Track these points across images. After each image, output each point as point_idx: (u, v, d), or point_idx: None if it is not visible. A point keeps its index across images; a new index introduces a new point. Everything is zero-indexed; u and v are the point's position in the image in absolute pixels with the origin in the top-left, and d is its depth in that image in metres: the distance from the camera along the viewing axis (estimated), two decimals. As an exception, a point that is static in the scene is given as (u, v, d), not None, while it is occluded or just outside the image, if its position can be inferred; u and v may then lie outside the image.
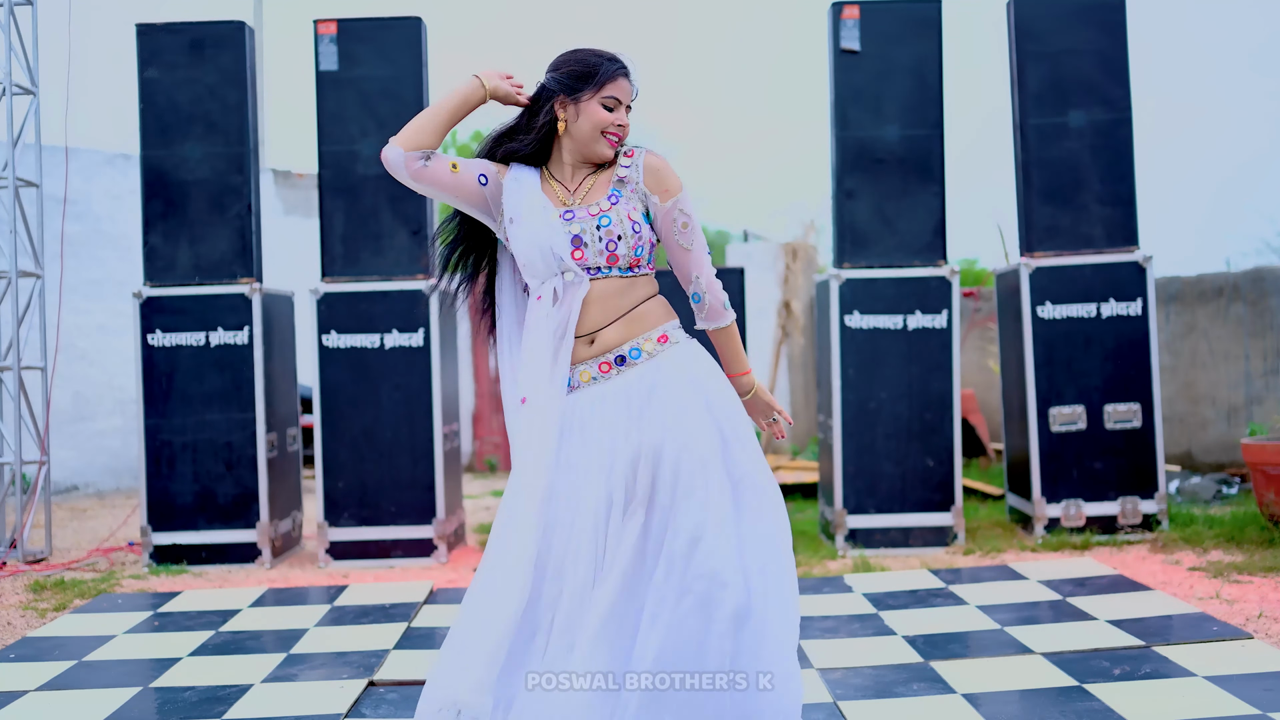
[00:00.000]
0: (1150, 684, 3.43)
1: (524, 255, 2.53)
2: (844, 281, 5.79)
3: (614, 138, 2.58)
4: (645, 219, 2.57)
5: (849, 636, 4.12)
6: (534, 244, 2.51)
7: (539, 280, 2.54)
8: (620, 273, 2.55)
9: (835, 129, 5.88)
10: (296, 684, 3.72)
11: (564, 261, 2.51)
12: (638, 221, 2.55)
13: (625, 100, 2.59)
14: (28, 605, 4.92)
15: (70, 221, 8.47)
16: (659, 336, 2.56)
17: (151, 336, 5.84)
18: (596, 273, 2.53)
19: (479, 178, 2.61)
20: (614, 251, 2.52)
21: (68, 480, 8.82)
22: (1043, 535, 5.71)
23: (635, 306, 2.56)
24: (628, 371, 2.52)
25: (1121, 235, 5.81)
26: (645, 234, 2.56)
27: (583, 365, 2.53)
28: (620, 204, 2.55)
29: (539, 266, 2.52)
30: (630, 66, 2.61)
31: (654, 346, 2.54)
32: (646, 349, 2.54)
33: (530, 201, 2.56)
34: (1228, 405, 7.60)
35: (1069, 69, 5.80)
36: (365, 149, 5.86)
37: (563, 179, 2.62)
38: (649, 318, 2.56)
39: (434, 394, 5.82)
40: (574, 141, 2.59)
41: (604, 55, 2.60)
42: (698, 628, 2.35)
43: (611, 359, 2.53)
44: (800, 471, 8.01)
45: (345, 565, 5.79)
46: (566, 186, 2.61)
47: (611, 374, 2.52)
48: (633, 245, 2.53)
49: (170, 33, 5.89)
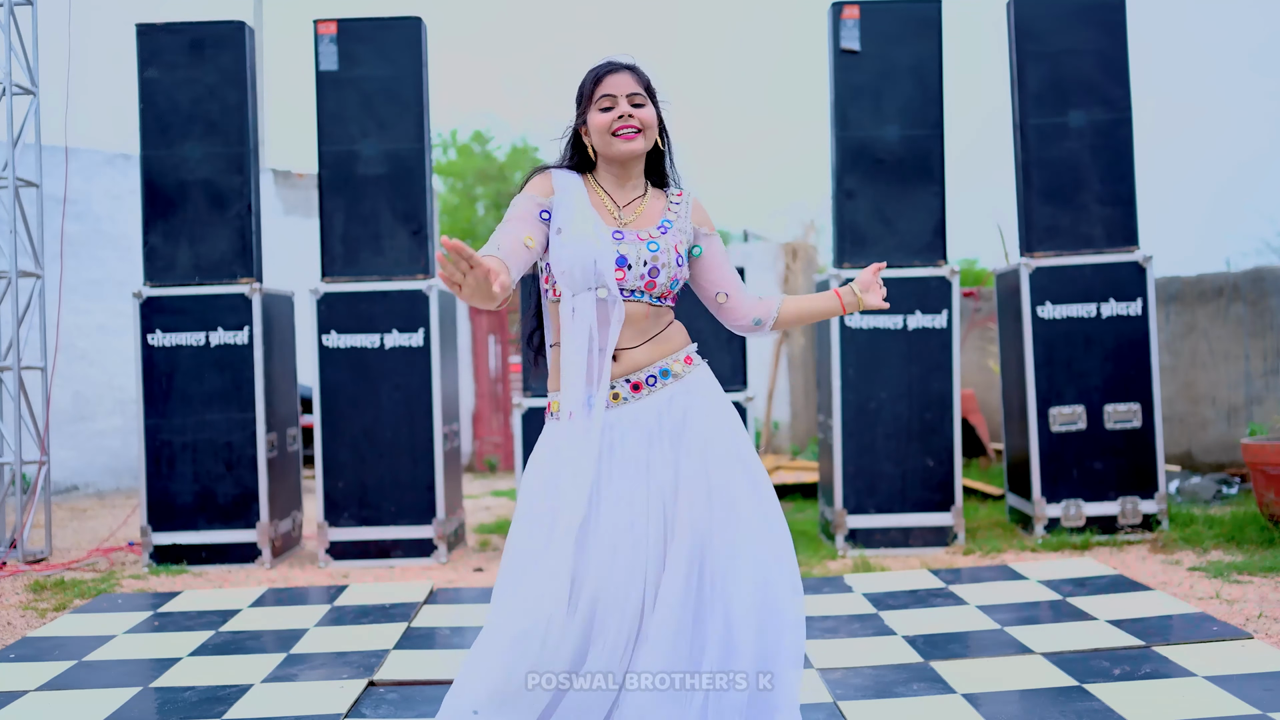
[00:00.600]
0: (1150, 684, 3.43)
1: (565, 264, 2.49)
2: (843, 282, 5.79)
3: (626, 130, 2.55)
4: (687, 256, 2.62)
5: (849, 636, 4.12)
6: (579, 257, 2.48)
7: (572, 292, 2.51)
8: (651, 300, 2.55)
9: (835, 129, 5.88)
10: (296, 684, 3.72)
11: (603, 278, 2.49)
12: (681, 255, 2.58)
13: (621, 92, 2.55)
14: (28, 605, 4.92)
15: (70, 221, 8.48)
16: (685, 358, 2.60)
17: (151, 336, 5.84)
18: (629, 296, 2.53)
19: (542, 214, 2.55)
20: (654, 279, 2.53)
21: (68, 480, 8.82)
22: (1043, 535, 5.71)
23: (661, 331, 2.59)
24: (659, 392, 2.54)
25: (1121, 235, 5.81)
26: (684, 271, 2.60)
27: (612, 385, 2.53)
28: (669, 235, 2.58)
29: (577, 278, 2.49)
30: (620, 61, 2.60)
31: (681, 367, 2.58)
32: (675, 370, 2.57)
33: (581, 214, 2.54)
34: (1228, 405, 7.60)
35: (1069, 69, 5.80)
36: (365, 149, 5.87)
37: (611, 191, 2.62)
38: (674, 339, 2.61)
39: (434, 394, 5.83)
40: (604, 158, 2.60)
41: (592, 68, 2.61)
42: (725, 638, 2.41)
43: (643, 379, 2.53)
44: (800, 471, 8.01)
45: (345, 565, 5.80)
46: (616, 202, 2.60)
47: (643, 394, 2.53)
48: (671, 276, 2.56)
49: (170, 33, 5.89)
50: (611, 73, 2.58)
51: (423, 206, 5.90)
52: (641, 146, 2.57)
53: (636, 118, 2.55)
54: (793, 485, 7.72)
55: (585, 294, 2.50)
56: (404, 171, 5.88)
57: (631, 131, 2.55)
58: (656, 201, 2.64)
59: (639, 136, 2.56)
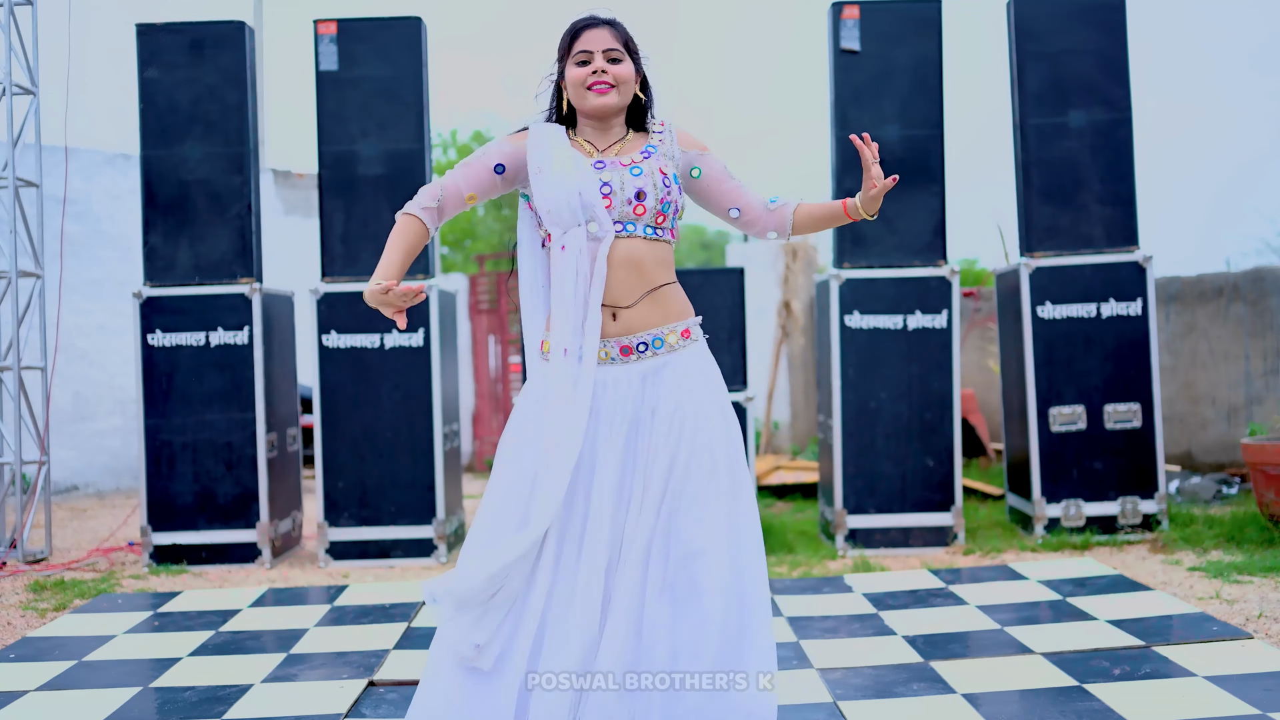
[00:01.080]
0: (1150, 684, 3.43)
1: (549, 202, 2.49)
2: (844, 281, 5.79)
3: (600, 85, 2.55)
4: (675, 180, 2.58)
5: (849, 636, 4.12)
6: (562, 189, 2.48)
7: (561, 229, 2.50)
8: (646, 231, 2.52)
9: (835, 129, 5.88)
10: (296, 684, 3.72)
11: (592, 210, 2.48)
12: (668, 176, 2.56)
13: (597, 48, 2.56)
14: (28, 605, 4.92)
15: (70, 221, 8.48)
16: (683, 330, 2.56)
17: (151, 336, 5.84)
18: (621, 228, 2.51)
19: (495, 168, 2.60)
20: (641, 202, 2.51)
21: (68, 480, 8.82)
22: (1043, 535, 5.71)
23: (660, 286, 2.54)
24: (647, 360, 2.51)
25: (1121, 235, 5.81)
26: (674, 193, 2.57)
27: (604, 343, 2.51)
28: (652, 159, 2.57)
29: (564, 214, 2.48)
30: (599, 15, 2.60)
31: (676, 340, 2.54)
32: (670, 340, 2.53)
33: (559, 152, 2.54)
34: (1228, 405, 7.60)
35: (1069, 69, 5.80)
36: (365, 149, 5.87)
37: (592, 140, 2.62)
38: (673, 304, 2.56)
39: (434, 394, 5.83)
40: (580, 111, 2.61)
41: (571, 22, 2.62)
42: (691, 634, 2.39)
43: (633, 344, 2.51)
44: (800, 471, 8.01)
45: (345, 565, 5.80)
46: (596, 145, 2.61)
47: (631, 359, 2.51)
48: (660, 199, 2.53)
49: (170, 33, 5.88)
50: (589, 27, 2.58)
51: (423, 206, 5.89)
52: (615, 101, 2.56)
53: (611, 73, 2.55)
54: (793, 485, 7.71)
55: (575, 230, 2.49)
56: (404, 171, 5.88)
57: (605, 86, 2.55)
58: (638, 139, 2.65)
59: (612, 91, 2.55)
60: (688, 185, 2.67)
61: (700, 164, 2.66)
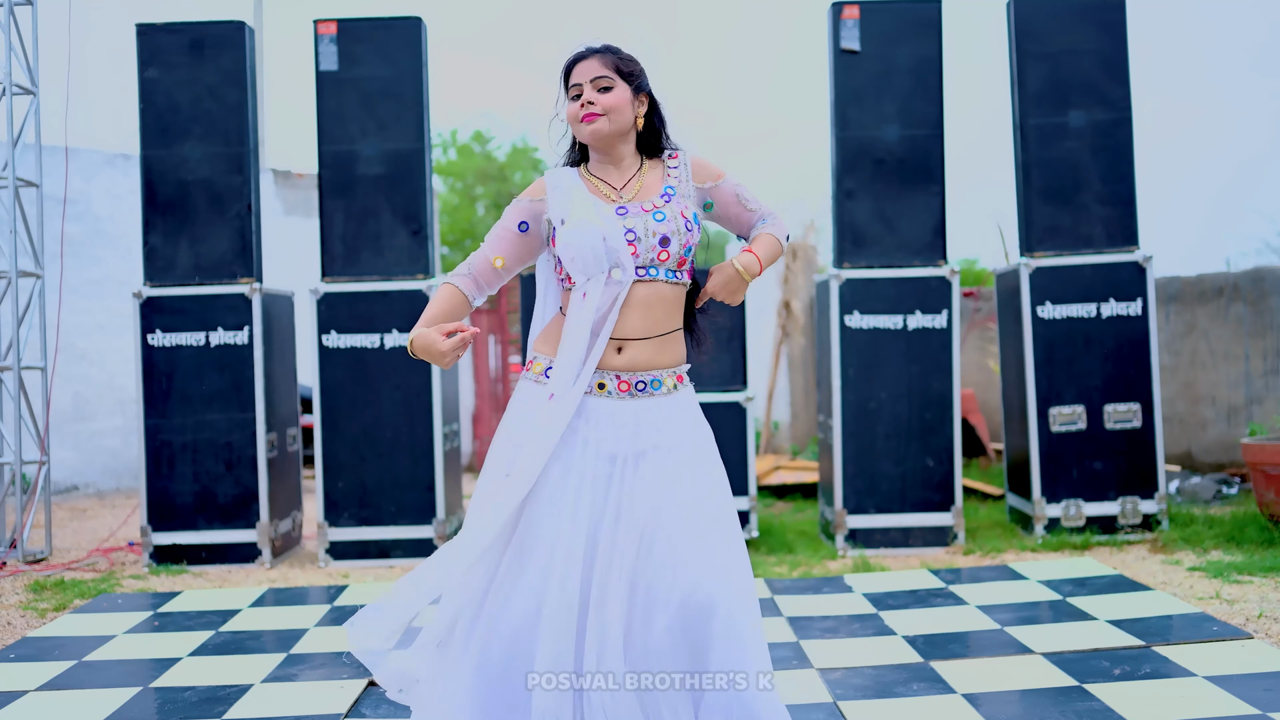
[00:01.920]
0: (1150, 684, 3.43)
1: (574, 250, 2.48)
2: (844, 281, 5.80)
3: (588, 115, 2.55)
4: (695, 219, 2.59)
5: (849, 636, 4.12)
6: (587, 238, 2.47)
7: (585, 276, 2.50)
8: (668, 275, 2.54)
9: (835, 129, 5.88)
10: (296, 684, 3.72)
11: (617, 255, 2.48)
12: (689, 220, 2.57)
13: (586, 79, 2.56)
14: (28, 605, 4.92)
15: (70, 221, 8.48)
16: (678, 376, 2.60)
17: (151, 336, 5.84)
18: (644, 273, 2.52)
19: (519, 227, 2.60)
20: (666, 249, 2.52)
21: (68, 480, 8.82)
22: (1043, 535, 5.71)
23: (671, 332, 2.57)
24: (644, 399, 2.53)
25: (1121, 235, 5.81)
26: (695, 234, 2.58)
27: (604, 375, 2.52)
28: (674, 202, 2.57)
29: (589, 262, 2.48)
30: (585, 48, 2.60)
31: (673, 383, 2.58)
32: (667, 383, 2.56)
33: (579, 200, 2.53)
34: (1228, 405, 7.60)
35: (1069, 69, 5.80)
36: (365, 149, 5.87)
37: (606, 177, 2.61)
38: (677, 350, 2.60)
39: (434, 394, 5.83)
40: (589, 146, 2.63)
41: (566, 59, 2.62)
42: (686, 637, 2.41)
43: (633, 381, 2.52)
44: (800, 471, 8.01)
45: (345, 565, 5.80)
46: (613, 185, 2.60)
47: (628, 395, 2.52)
48: (684, 243, 2.55)
49: (170, 33, 5.89)
50: (578, 61, 2.59)
51: (423, 206, 5.90)
52: (605, 128, 2.55)
53: (599, 103, 2.54)
54: (793, 485, 7.71)
55: (598, 277, 2.49)
56: (404, 171, 5.88)
57: (592, 115, 2.55)
58: (654, 171, 2.64)
59: (600, 120, 2.54)
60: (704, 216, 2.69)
61: (713, 197, 2.67)
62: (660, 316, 2.54)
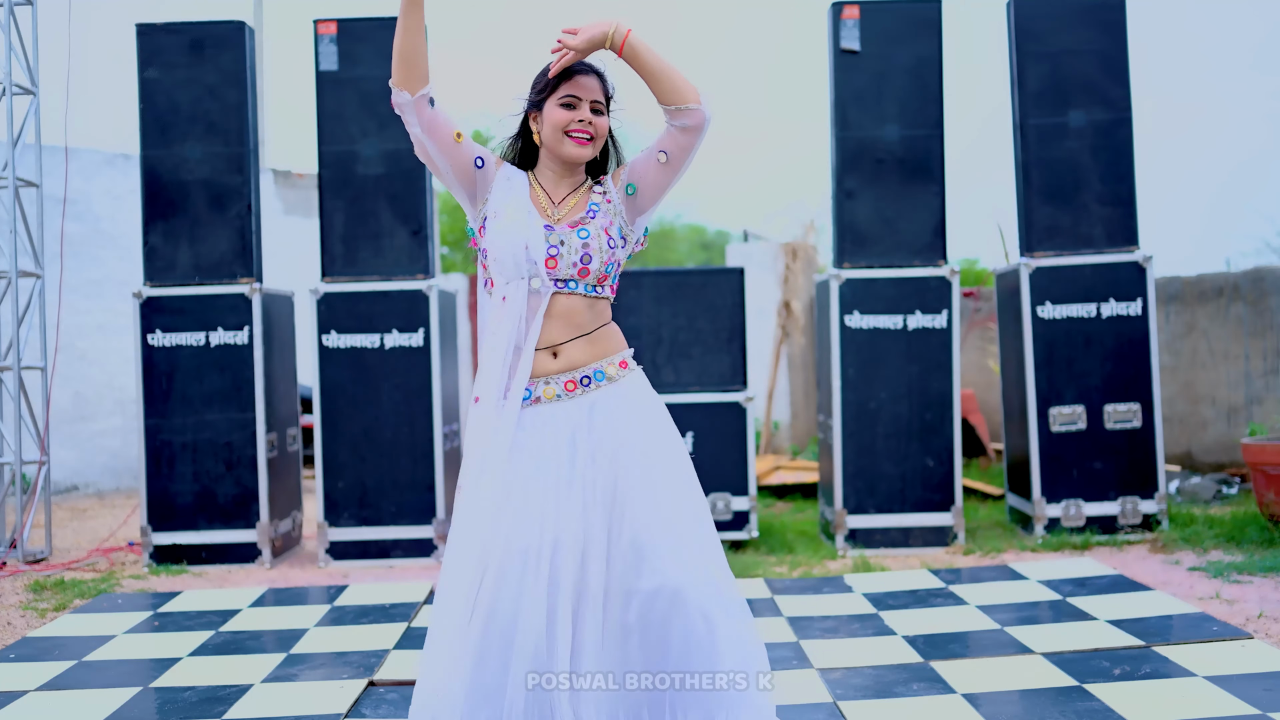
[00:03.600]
0: (1150, 684, 3.43)
1: (497, 250, 2.52)
2: (844, 281, 5.80)
3: (580, 135, 2.55)
4: (620, 235, 2.59)
5: (849, 636, 4.12)
6: (511, 243, 2.50)
7: (504, 280, 2.53)
8: (586, 290, 2.55)
9: (835, 129, 5.88)
10: (296, 684, 3.72)
11: (536, 266, 2.50)
12: (613, 237, 2.57)
13: (587, 97, 2.56)
14: (28, 605, 4.92)
15: (70, 221, 8.47)
16: (620, 362, 2.59)
17: (151, 336, 5.84)
18: (564, 286, 2.53)
19: (476, 159, 2.59)
20: (586, 265, 2.53)
21: (68, 480, 8.82)
22: (1043, 535, 5.71)
23: (597, 328, 2.58)
24: (592, 393, 2.54)
25: (1121, 235, 5.81)
26: (619, 253, 2.58)
27: (546, 381, 2.52)
28: (598, 218, 2.57)
29: (509, 266, 2.51)
30: (594, 64, 2.59)
31: (616, 371, 2.57)
32: (609, 373, 2.56)
33: (517, 203, 2.55)
34: (1228, 405, 7.60)
35: (1069, 69, 5.80)
36: (365, 149, 5.87)
37: (548, 188, 2.62)
38: (611, 341, 2.60)
39: (434, 394, 5.83)
40: (546, 150, 2.61)
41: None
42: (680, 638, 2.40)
43: (578, 378, 2.53)
44: (800, 471, 8.01)
45: (345, 565, 5.80)
46: (551, 199, 2.60)
47: (576, 393, 2.53)
48: (605, 260, 2.55)
49: (170, 33, 5.88)
50: (583, 73, 2.58)
51: (423, 206, 5.90)
52: (590, 154, 2.59)
53: (594, 125, 2.56)
54: (793, 485, 7.71)
55: (518, 282, 2.51)
56: (404, 171, 5.88)
57: (585, 139, 2.56)
58: (587, 194, 2.64)
59: (590, 145, 2.57)
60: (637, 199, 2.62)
61: (630, 178, 2.61)
62: (584, 321, 2.56)
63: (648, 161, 2.59)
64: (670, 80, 2.50)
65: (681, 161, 2.58)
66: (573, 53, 2.51)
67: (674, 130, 2.54)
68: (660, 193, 2.63)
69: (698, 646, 2.37)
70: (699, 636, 2.38)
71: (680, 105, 2.51)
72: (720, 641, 2.38)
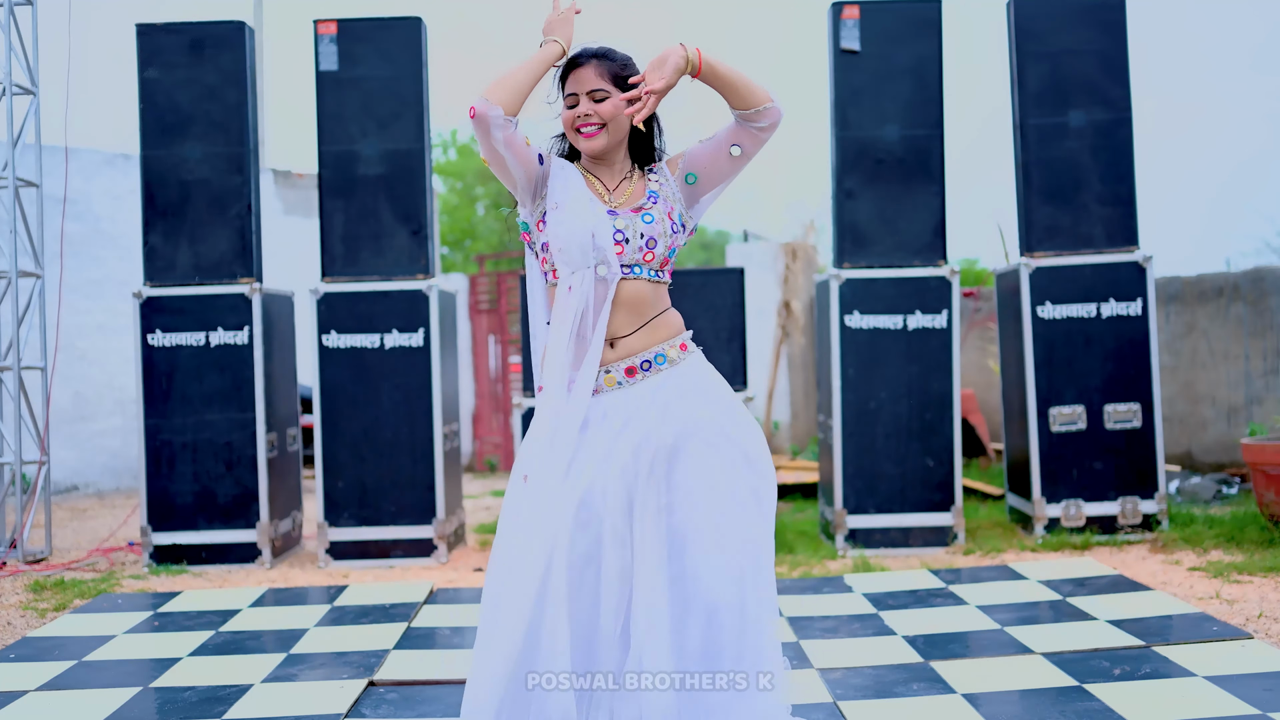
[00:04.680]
0: (1150, 684, 3.43)
1: (563, 240, 2.50)
2: (844, 281, 5.80)
3: (588, 128, 2.56)
4: (681, 221, 2.61)
5: (849, 636, 4.12)
6: (577, 231, 2.50)
7: (570, 270, 2.51)
8: (651, 274, 2.56)
9: (835, 129, 5.88)
10: (296, 684, 3.72)
11: (603, 253, 2.50)
12: (675, 222, 2.59)
13: (584, 89, 2.56)
14: (28, 605, 4.92)
15: (70, 221, 8.47)
16: (680, 344, 2.59)
17: (151, 336, 5.84)
18: (630, 271, 2.53)
19: (538, 156, 2.59)
20: (652, 250, 2.54)
21: (68, 480, 8.82)
22: (1043, 535, 5.71)
23: (657, 315, 2.58)
24: (653, 377, 2.54)
25: (1121, 235, 5.81)
26: (680, 238, 2.61)
27: (607, 370, 2.52)
28: (660, 204, 2.59)
29: (575, 255, 2.50)
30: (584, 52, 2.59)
31: (677, 354, 2.57)
32: (671, 355, 2.56)
33: (577, 192, 2.55)
34: (1228, 405, 7.60)
35: (1069, 69, 5.80)
36: (365, 149, 5.87)
37: (600, 176, 2.63)
38: (670, 326, 2.60)
39: (434, 394, 5.82)
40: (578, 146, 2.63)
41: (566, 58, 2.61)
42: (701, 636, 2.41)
43: (638, 364, 2.53)
44: (800, 471, 8.01)
45: (345, 565, 5.79)
46: (606, 186, 2.61)
47: (637, 378, 2.53)
48: (669, 245, 2.57)
49: (170, 33, 5.88)
50: (576, 67, 2.58)
51: (423, 206, 5.90)
52: (604, 143, 2.57)
53: (597, 114, 2.55)
54: (793, 485, 7.71)
55: (584, 272, 2.51)
56: (404, 171, 5.88)
57: (593, 129, 2.56)
58: (641, 181, 2.65)
59: (600, 134, 2.56)
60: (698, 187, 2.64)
61: (689, 168, 2.63)
62: (645, 309, 2.56)
63: (716, 153, 2.60)
64: (746, 87, 2.54)
65: (754, 154, 2.63)
66: (657, 96, 2.51)
67: (749, 128, 2.57)
68: (725, 182, 2.65)
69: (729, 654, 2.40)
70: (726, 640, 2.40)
71: (758, 107, 2.55)
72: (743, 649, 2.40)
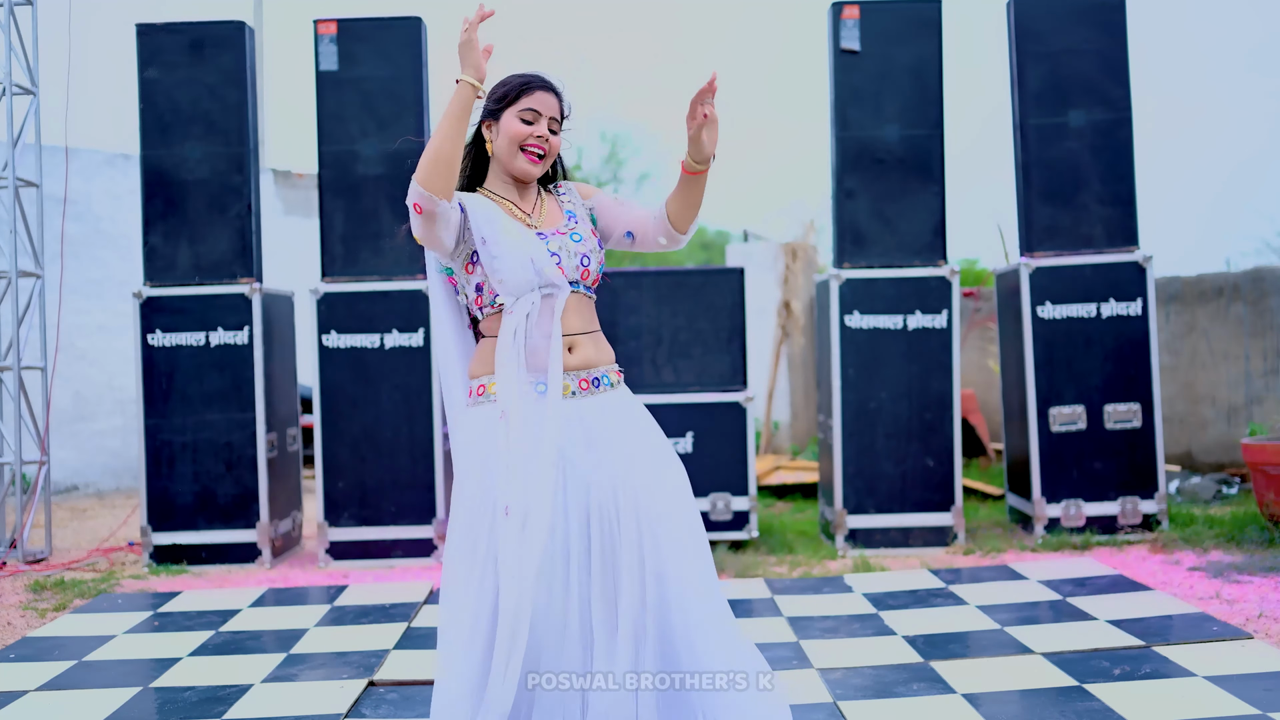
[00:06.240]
0: (1150, 684, 3.43)
1: (504, 272, 2.47)
2: (844, 281, 5.80)
3: (534, 151, 2.56)
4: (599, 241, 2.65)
5: (849, 636, 4.12)
6: (517, 260, 2.47)
7: (514, 297, 2.49)
8: (586, 290, 2.59)
9: (835, 129, 5.88)
10: (296, 684, 3.72)
11: (545, 275, 2.49)
12: (597, 240, 2.64)
13: (546, 113, 2.56)
14: (28, 605, 4.92)
15: (70, 221, 8.47)
16: (617, 372, 2.63)
17: (151, 336, 5.84)
18: (573, 287, 2.56)
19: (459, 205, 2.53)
20: (586, 267, 2.57)
21: (68, 480, 8.82)
22: (1043, 535, 5.71)
23: (597, 330, 2.62)
24: (601, 395, 2.55)
25: (1121, 235, 5.81)
26: (602, 253, 2.65)
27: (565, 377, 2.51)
28: (581, 223, 2.63)
29: (519, 283, 2.48)
30: (554, 82, 2.60)
31: (615, 379, 2.61)
32: (612, 379, 2.59)
33: (503, 223, 2.51)
34: (1228, 405, 7.60)
35: (1069, 69, 5.80)
36: (365, 149, 5.87)
37: (511, 198, 2.61)
38: (608, 347, 2.64)
39: (434, 394, 5.83)
40: (499, 161, 2.61)
41: (525, 74, 2.60)
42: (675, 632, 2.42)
43: (590, 379, 2.55)
44: (800, 471, 8.01)
45: (345, 565, 5.80)
46: (523, 209, 2.60)
47: (588, 393, 2.54)
48: (598, 261, 2.61)
49: (170, 33, 5.89)
50: (545, 89, 2.59)
51: (423, 206, 5.89)
52: (539, 172, 2.61)
53: (550, 144, 2.59)
54: (793, 485, 7.71)
55: (529, 294, 2.50)
56: (404, 171, 5.82)
57: (538, 156, 2.58)
58: (550, 199, 2.67)
59: (541, 163, 2.59)
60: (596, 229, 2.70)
61: (594, 208, 2.70)
62: (588, 318, 2.59)
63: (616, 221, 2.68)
64: (696, 211, 2.66)
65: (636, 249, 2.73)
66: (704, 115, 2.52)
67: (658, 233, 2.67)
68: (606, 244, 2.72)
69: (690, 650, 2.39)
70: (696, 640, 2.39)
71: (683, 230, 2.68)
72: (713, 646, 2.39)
